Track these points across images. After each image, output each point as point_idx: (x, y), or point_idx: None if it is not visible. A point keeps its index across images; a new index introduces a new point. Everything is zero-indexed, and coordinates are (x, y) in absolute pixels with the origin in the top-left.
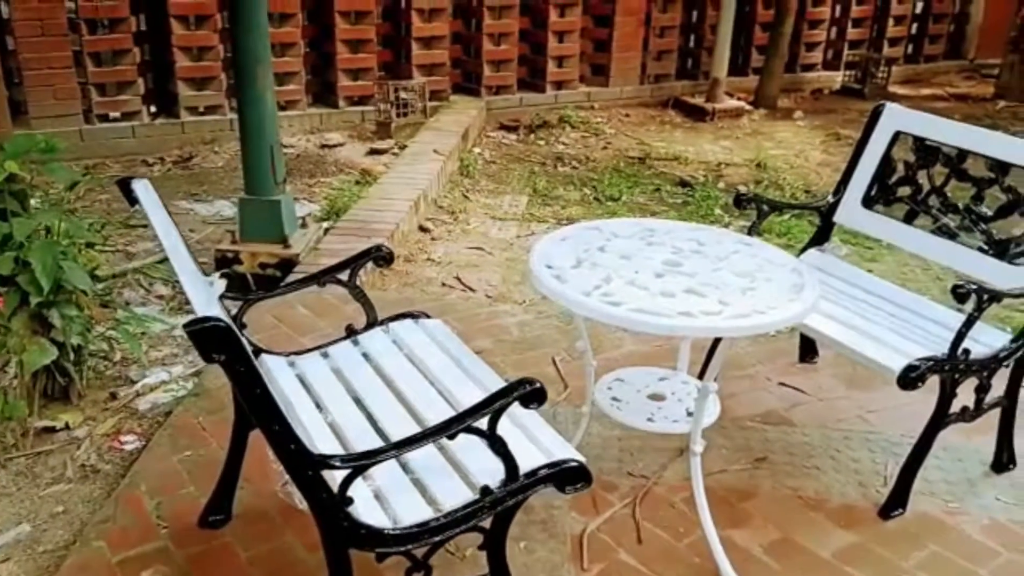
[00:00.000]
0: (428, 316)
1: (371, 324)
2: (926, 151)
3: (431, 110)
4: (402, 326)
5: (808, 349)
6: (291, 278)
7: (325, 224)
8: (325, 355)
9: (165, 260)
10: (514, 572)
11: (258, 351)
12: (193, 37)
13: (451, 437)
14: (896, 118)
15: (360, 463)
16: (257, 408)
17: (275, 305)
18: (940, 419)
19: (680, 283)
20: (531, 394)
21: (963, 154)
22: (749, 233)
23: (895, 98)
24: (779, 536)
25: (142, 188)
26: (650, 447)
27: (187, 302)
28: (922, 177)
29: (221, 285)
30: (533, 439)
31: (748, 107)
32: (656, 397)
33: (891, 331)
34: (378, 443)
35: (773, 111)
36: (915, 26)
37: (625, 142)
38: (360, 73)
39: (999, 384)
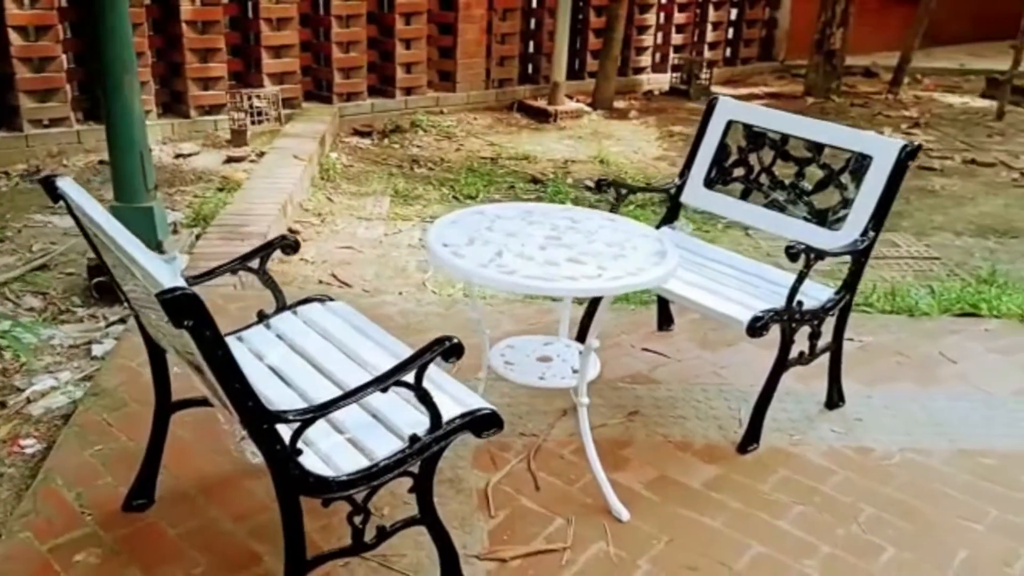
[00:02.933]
0: (332, 299)
1: (280, 309)
2: (755, 136)
3: (285, 117)
4: (311, 309)
5: (665, 319)
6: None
7: (195, 230)
8: (240, 339)
9: (38, 269)
10: None
11: None
12: (33, 48)
13: (384, 390)
14: (728, 109)
15: (309, 416)
16: (220, 368)
17: None
18: (782, 363)
19: (562, 253)
20: (451, 349)
21: (785, 138)
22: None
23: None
24: (656, 475)
25: (67, 184)
26: (536, 410)
27: (61, 312)
28: (753, 159)
29: (183, 261)
30: (448, 393)
31: (587, 108)
32: (544, 359)
33: (739, 291)
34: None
35: (610, 111)
36: (731, 31)
37: (476, 144)
38: (210, 82)
39: (827, 333)
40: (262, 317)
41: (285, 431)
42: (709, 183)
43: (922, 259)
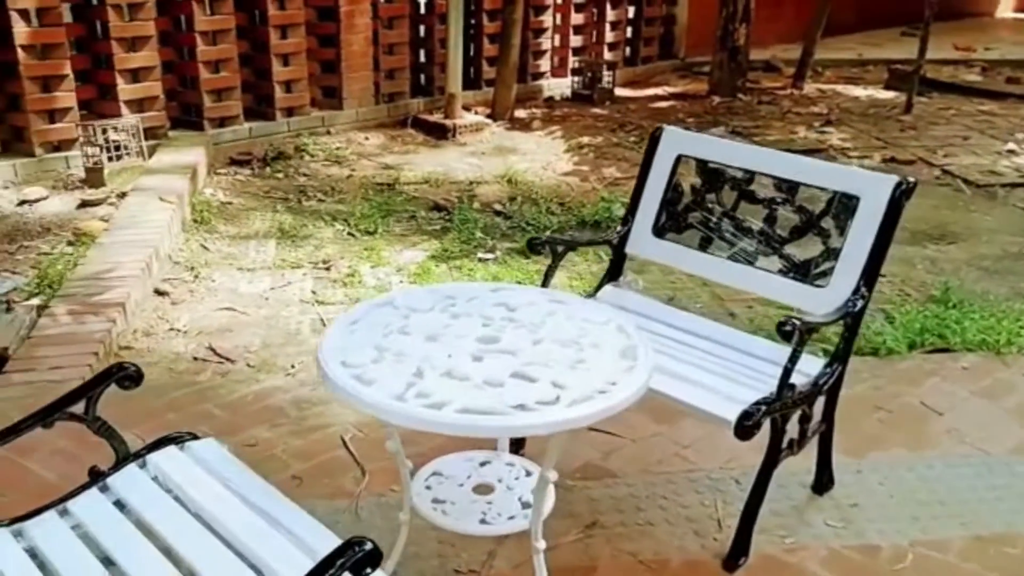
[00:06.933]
0: (195, 436)
1: (122, 460)
2: (712, 174)
3: (149, 150)
4: (164, 457)
5: None
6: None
7: (36, 301)
8: (64, 512)
9: None
10: None
11: None
12: None
13: None
14: (676, 141)
15: None
16: None
17: None
18: (774, 458)
19: (503, 365)
20: (364, 559)
21: (750, 175)
22: (545, 279)
23: (621, 101)
24: None
25: None
26: (472, 534)
27: None
28: (712, 201)
29: None
30: None
31: (487, 120)
32: (483, 489)
33: (714, 375)
34: None
35: (512, 122)
36: (630, 30)
37: (370, 168)
38: (57, 114)
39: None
40: (95, 476)
41: None
42: (659, 231)
43: None
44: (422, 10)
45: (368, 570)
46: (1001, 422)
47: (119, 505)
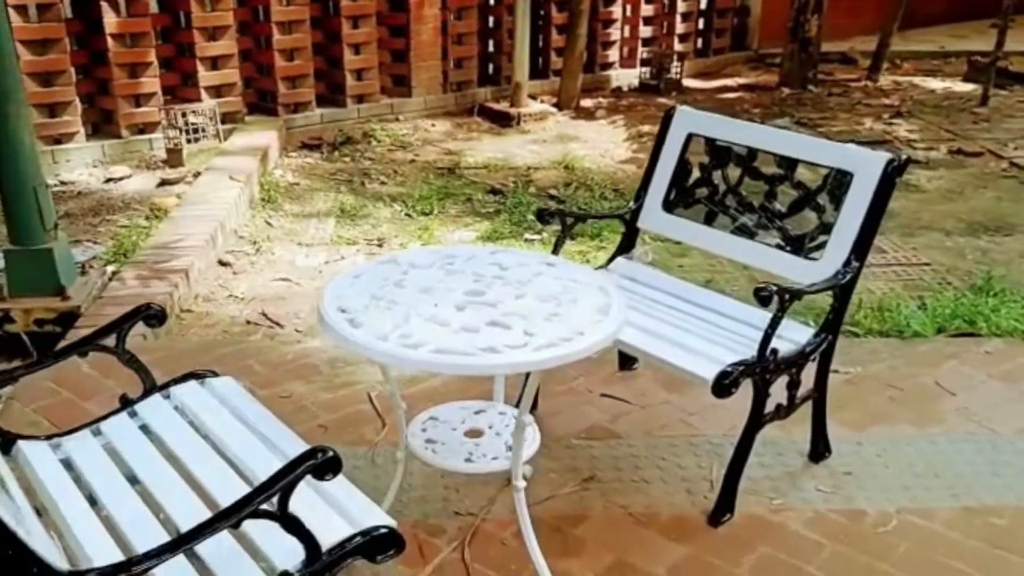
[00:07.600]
0: (215, 374)
1: (149, 390)
2: (718, 151)
3: (225, 133)
4: (185, 390)
5: (628, 356)
6: (62, 341)
7: (110, 268)
8: (97, 432)
9: None
10: None
11: (11, 438)
12: None
13: (235, 526)
14: (687, 120)
15: None
16: None
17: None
18: (757, 421)
19: (483, 315)
20: (324, 464)
21: (753, 152)
22: (556, 247)
23: (688, 91)
24: (613, 559)
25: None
26: (476, 481)
27: None
28: (718, 178)
29: None
30: (336, 505)
31: (552, 109)
32: (473, 433)
33: (701, 338)
34: (163, 538)
35: (576, 111)
36: (701, 21)
37: (433, 153)
38: (142, 99)
39: (807, 377)
40: (125, 403)
41: None
42: (669, 206)
43: (910, 266)
44: (491, 1)
45: (328, 475)
46: (1015, 403)
47: (144, 429)
